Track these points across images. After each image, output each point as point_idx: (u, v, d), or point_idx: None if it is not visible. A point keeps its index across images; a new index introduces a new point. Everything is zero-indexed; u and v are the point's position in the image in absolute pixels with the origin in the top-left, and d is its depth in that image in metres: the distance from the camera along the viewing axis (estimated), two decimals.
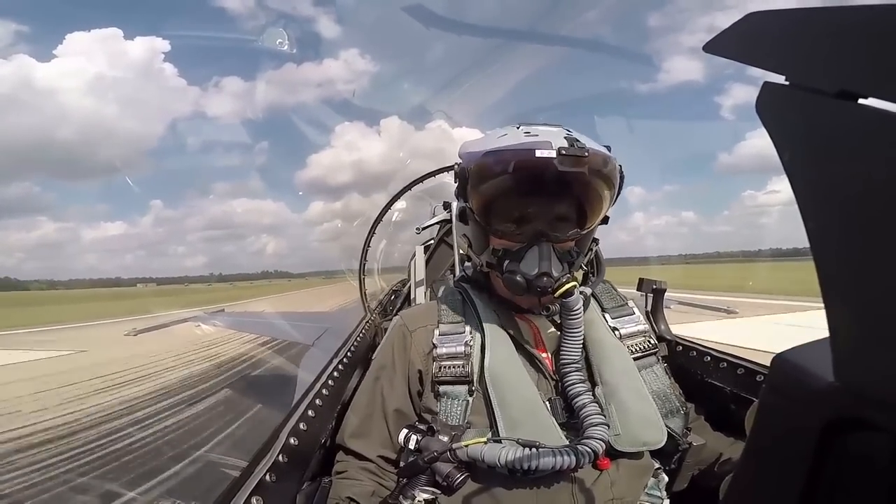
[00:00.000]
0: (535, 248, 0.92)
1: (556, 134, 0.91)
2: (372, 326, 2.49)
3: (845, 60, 0.24)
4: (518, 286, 0.92)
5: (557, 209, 0.96)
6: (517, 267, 0.92)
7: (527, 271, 0.91)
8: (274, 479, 0.83)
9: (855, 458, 0.27)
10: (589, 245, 1.02)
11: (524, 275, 0.91)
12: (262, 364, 8.77)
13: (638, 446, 0.91)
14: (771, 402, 0.32)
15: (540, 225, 0.94)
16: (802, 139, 0.27)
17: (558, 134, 0.91)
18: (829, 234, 0.26)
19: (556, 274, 0.90)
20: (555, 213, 0.96)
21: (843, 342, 0.26)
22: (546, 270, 0.90)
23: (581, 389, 0.90)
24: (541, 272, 0.90)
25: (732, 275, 37.28)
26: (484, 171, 0.94)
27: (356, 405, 1.08)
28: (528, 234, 0.94)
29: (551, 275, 0.90)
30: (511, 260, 0.94)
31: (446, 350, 0.98)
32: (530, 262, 0.91)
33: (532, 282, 0.90)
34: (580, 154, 0.86)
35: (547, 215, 0.95)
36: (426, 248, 2.87)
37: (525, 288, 0.91)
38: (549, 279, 0.89)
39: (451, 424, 0.92)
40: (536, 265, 0.90)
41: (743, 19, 0.30)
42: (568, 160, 0.86)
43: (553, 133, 0.92)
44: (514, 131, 0.97)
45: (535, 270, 0.90)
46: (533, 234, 0.93)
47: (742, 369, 1.26)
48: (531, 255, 0.92)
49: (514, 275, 0.92)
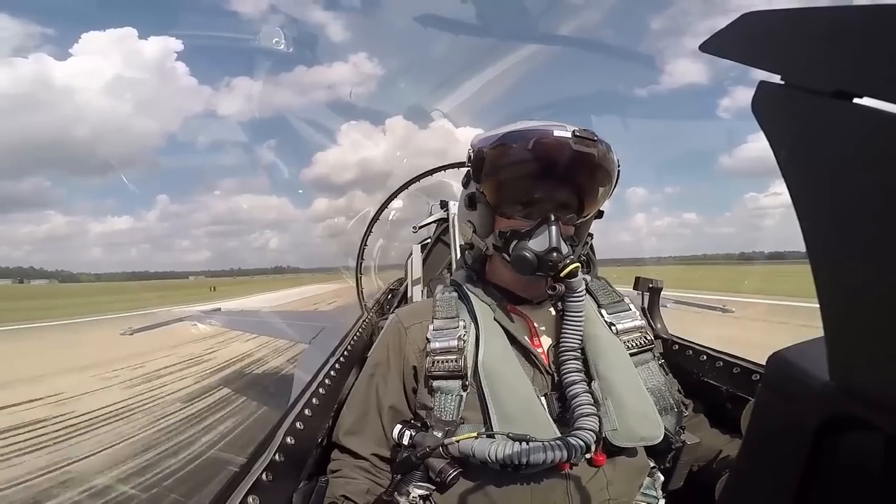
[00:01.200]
0: (545, 226, 0.94)
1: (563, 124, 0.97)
2: (369, 325, 2.48)
3: (841, 60, 0.24)
4: (528, 264, 0.93)
5: (563, 192, 1.00)
6: (526, 244, 0.95)
7: (537, 248, 0.93)
8: (270, 479, 0.83)
9: (849, 457, 0.27)
10: (585, 237, 1.05)
11: (535, 251, 0.93)
12: (259, 363, 8.74)
13: (635, 441, 0.91)
14: (766, 400, 0.32)
15: (548, 206, 0.98)
16: (798, 139, 0.27)
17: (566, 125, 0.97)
18: (825, 234, 0.26)
19: (565, 252, 0.93)
20: (562, 196, 1.00)
21: (838, 341, 0.26)
22: (556, 245, 0.92)
23: (576, 378, 0.91)
24: (551, 247, 0.92)
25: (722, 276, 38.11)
26: (502, 152, 0.99)
27: (351, 402, 1.08)
28: (539, 213, 0.97)
29: (561, 251, 0.92)
30: (520, 239, 0.97)
31: (440, 344, 0.98)
32: (541, 238, 0.94)
33: (543, 258, 0.92)
34: (591, 137, 0.94)
35: (555, 197, 0.99)
36: (423, 247, 2.87)
37: (535, 265, 0.93)
38: (559, 254, 0.92)
39: (445, 420, 0.92)
40: (547, 241, 0.93)
41: (739, 19, 0.30)
42: (582, 141, 0.93)
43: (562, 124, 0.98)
44: (524, 122, 1.02)
45: (545, 246, 0.93)
46: (543, 212, 0.96)
47: (738, 368, 1.27)
48: (541, 232, 0.95)
49: (523, 251, 0.94)
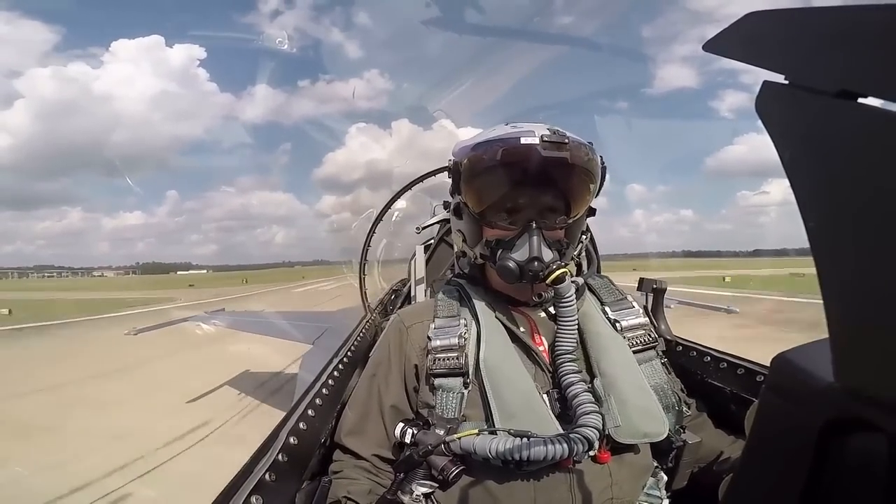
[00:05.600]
0: (526, 234, 0.95)
1: (539, 126, 0.96)
2: (372, 326, 2.49)
3: (845, 60, 0.24)
4: (511, 273, 0.94)
5: (545, 197, 0.99)
6: (509, 254, 0.95)
7: (519, 258, 0.94)
8: (273, 479, 0.83)
9: (854, 459, 0.27)
10: (579, 237, 1.04)
11: (517, 261, 0.94)
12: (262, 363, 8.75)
13: (639, 438, 0.91)
14: (770, 402, 0.32)
15: (530, 213, 0.98)
16: (802, 139, 0.27)
17: (541, 126, 0.96)
18: (829, 234, 0.26)
19: (547, 259, 0.93)
20: (543, 201, 0.99)
21: (843, 343, 0.26)
22: (537, 255, 0.92)
23: (575, 379, 0.90)
24: (531, 257, 0.93)
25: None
26: (474, 163, 0.99)
27: (353, 402, 1.08)
28: (520, 221, 0.98)
29: (542, 259, 0.92)
30: (504, 249, 0.97)
31: (441, 342, 0.98)
32: (522, 248, 0.94)
33: (524, 267, 0.93)
34: (561, 140, 0.92)
35: (536, 203, 0.99)
36: (426, 248, 2.86)
37: (518, 275, 0.94)
38: (540, 263, 0.92)
39: (447, 417, 0.92)
40: (528, 251, 0.93)
41: (743, 18, 0.29)
42: (551, 146, 0.92)
43: (537, 126, 0.97)
44: (503, 127, 1.01)
45: (526, 256, 0.93)
46: (524, 221, 0.97)
47: (742, 369, 1.26)
48: (522, 241, 0.95)
49: (507, 261, 0.94)
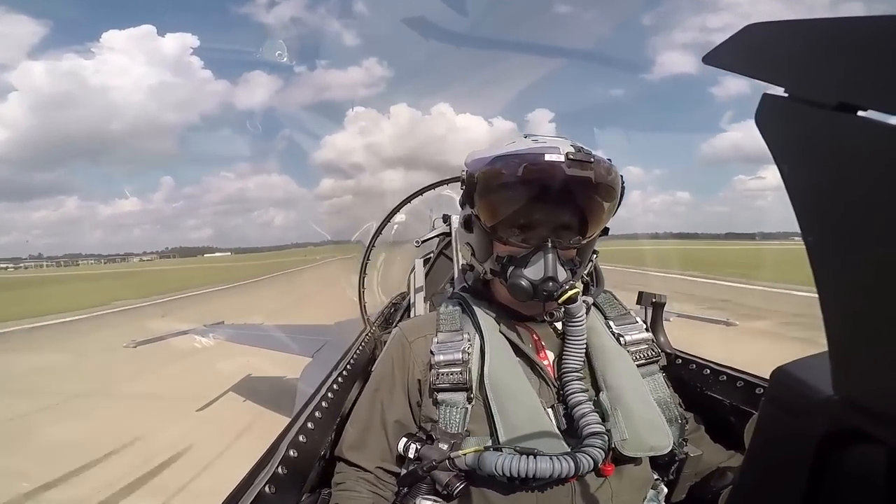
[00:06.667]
0: (541, 252, 0.92)
1: (562, 142, 0.94)
2: (371, 339, 2.47)
3: (845, 72, 0.24)
4: (523, 291, 0.92)
5: (563, 216, 0.97)
6: (522, 272, 0.92)
7: (532, 276, 0.91)
8: (273, 491, 0.83)
9: (853, 471, 0.27)
10: (589, 256, 1.02)
11: (530, 280, 0.91)
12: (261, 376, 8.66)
13: (645, 451, 0.90)
14: (770, 414, 0.32)
15: (546, 231, 0.95)
16: (802, 151, 0.27)
17: (565, 142, 0.94)
18: (829, 247, 0.26)
19: (561, 279, 0.91)
20: (560, 220, 0.97)
21: (842, 355, 0.26)
22: (552, 275, 0.90)
23: (582, 398, 0.89)
24: (546, 276, 0.90)
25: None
26: (493, 176, 0.95)
27: (355, 417, 1.07)
28: (535, 239, 0.94)
29: (557, 279, 0.90)
30: (516, 266, 0.94)
31: (444, 357, 0.97)
32: (536, 266, 0.92)
33: (538, 286, 0.90)
34: (587, 159, 0.89)
35: (553, 221, 0.96)
36: (426, 262, 2.85)
37: (531, 293, 0.91)
38: (554, 283, 0.90)
39: (451, 433, 0.91)
40: (542, 270, 0.91)
41: (742, 31, 0.30)
42: (576, 164, 0.88)
43: (560, 141, 0.95)
44: (522, 140, 0.99)
45: (540, 275, 0.91)
46: (539, 239, 0.94)
47: (741, 382, 1.26)
48: (537, 259, 0.92)
49: (519, 279, 0.92)
